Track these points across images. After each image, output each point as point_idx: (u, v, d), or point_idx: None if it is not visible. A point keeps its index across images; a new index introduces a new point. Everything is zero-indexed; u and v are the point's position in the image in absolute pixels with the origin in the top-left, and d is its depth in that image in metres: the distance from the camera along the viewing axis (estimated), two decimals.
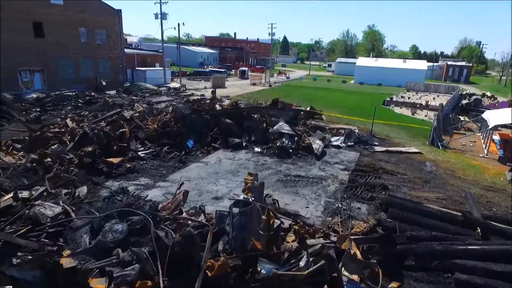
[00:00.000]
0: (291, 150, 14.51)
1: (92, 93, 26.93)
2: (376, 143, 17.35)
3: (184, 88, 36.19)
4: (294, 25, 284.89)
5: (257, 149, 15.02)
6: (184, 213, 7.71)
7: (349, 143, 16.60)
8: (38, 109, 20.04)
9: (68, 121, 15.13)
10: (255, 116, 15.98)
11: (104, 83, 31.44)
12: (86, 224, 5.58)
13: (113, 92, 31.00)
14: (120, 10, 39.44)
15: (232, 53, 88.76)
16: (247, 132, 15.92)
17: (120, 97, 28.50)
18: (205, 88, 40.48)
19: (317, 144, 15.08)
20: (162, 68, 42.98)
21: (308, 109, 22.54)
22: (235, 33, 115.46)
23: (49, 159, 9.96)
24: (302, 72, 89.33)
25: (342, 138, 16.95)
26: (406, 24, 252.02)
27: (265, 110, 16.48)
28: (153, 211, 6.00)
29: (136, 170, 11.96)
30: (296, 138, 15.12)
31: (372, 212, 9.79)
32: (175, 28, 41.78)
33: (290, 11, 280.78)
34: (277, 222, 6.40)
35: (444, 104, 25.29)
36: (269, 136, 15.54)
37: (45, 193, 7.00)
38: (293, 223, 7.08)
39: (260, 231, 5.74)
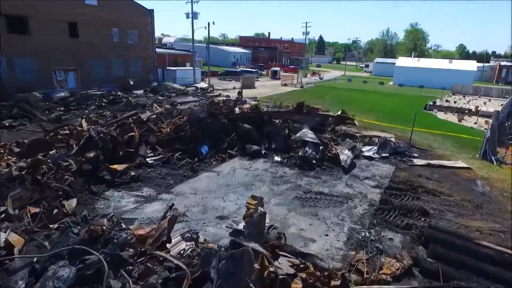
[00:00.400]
0: (314, 161, 12.87)
1: (119, 93, 26.88)
2: (416, 155, 15.16)
3: (211, 89, 35.47)
4: (331, 24, 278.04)
5: (276, 158, 13.55)
6: (172, 241, 6.50)
7: (384, 154, 14.61)
8: (62, 109, 20.03)
9: (83, 122, 14.60)
10: (277, 121, 14.51)
11: (131, 83, 31.50)
12: (28, 264, 4.54)
13: (140, 91, 30.95)
14: (152, 10, 39.61)
15: (265, 53, 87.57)
16: (267, 139, 14.51)
17: (146, 97, 28.27)
18: (234, 88, 39.56)
19: (345, 155, 13.30)
20: (192, 68, 42.66)
21: (339, 113, 20.63)
22: (269, 33, 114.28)
23: (45, 166, 9.23)
24: (337, 72, 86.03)
25: (375, 148, 14.99)
26: (452, 22, 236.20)
27: (288, 114, 14.99)
28: (118, 248, 4.81)
29: (141, 178, 11.00)
30: (321, 147, 13.45)
31: (408, 246, 7.97)
32: (205, 27, 41.03)
33: (327, 10, 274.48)
34: (280, 267, 4.94)
35: (499, 110, 22.12)
36: (291, 144, 14.01)
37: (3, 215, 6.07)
38: (301, 265, 5.56)
39: (251, 284, 4.33)
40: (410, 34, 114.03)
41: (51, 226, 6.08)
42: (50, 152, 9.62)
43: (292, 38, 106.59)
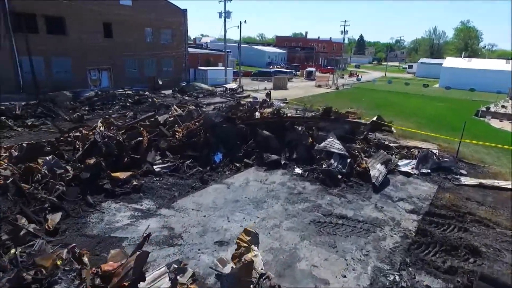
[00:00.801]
0: (340, 176, 11.22)
1: (146, 93, 26.72)
2: (464, 172, 12.90)
3: (241, 89, 34.49)
4: (372, 23, 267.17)
5: (297, 170, 12.06)
6: (154, 274, 5.37)
7: (424, 170, 12.55)
8: (86, 108, 20.01)
9: (99, 123, 14.11)
10: (299, 128, 13.01)
11: (160, 83, 31.41)
12: None
13: (169, 91, 30.73)
14: (186, 9, 39.54)
15: (301, 53, 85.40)
16: (288, 148, 13.07)
17: (174, 97, 27.90)
18: (265, 89, 38.30)
19: (377, 170, 11.49)
20: (224, 68, 42.06)
21: (374, 119, 18.58)
22: (306, 32, 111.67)
23: (39, 174, 8.59)
24: (377, 73, 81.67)
25: (414, 162, 12.95)
26: (509, 19, 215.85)
27: (313, 121, 13.40)
28: None
29: (144, 189, 10.08)
30: (349, 160, 11.75)
31: None
32: (238, 26, 40.23)
33: (369, 9, 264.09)
34: None
35: None
36: (314, 155, 12.44)
37: None
38: None
39: None
40: (460, 33, 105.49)
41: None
42: (47, 158, 9.00)
43: (330, 38, 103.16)
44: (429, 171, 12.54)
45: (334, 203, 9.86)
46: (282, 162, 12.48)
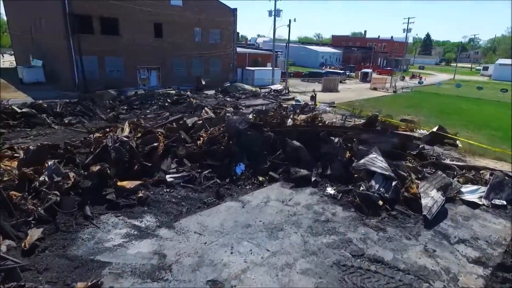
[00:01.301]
0: (381, 203, 9.11)
1: (188, 93, 26.43)
2: None
3: (286, 91, 32.80)
4: (441, 21, 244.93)
5: (329, 190, 10.17)
6: None
7: (498, 201, 9.80)
8: (125, 107, 20.07)
9: (126, 124, 13.64)
10: (336, 140, 11.03)
11: (204, 83, 31.06)
12: None
13: (212, 92, 30.24)
14: (236, 9, 38.95)
15: (358, 53, 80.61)
16: (321, 162, 11.20)
17: (215, 98, 27.25)
18: (313, 91, 36.12)
19: (431, 198, 9.14)
20: (271, 68, 40.70)
21: (434, 129, 15.71)
22: (365, 31, 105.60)
23: (37, 181, 8.02)
24: (444, 76, 73.85)
25: (484, 188, 10.23)
26: None
27: (354, 132, 11.28)
28: None
29: (150, 201, 9.09)
30: (394, 183, 9.55)
31: None
32: (288, 25, 38.47)
33: (438, 5, 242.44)
34: None
35: None
36: (352, 172, 10.42)
37: None
38: None
39: None
40: None
41: None
42: (48, 163, 8.44)
43: (392, 37, 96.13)
44: (504, 203, 9.76)
45: (369, 238, 7.85)
46: (313, 179, 10.67)
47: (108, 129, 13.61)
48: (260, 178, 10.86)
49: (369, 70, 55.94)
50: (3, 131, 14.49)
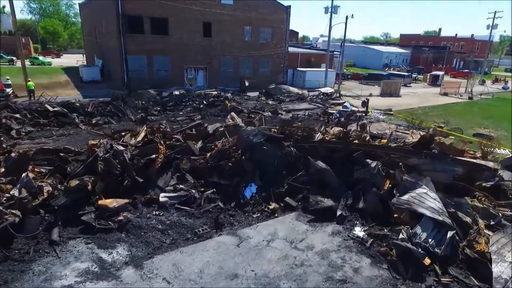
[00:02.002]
0: (428, 261, 6.46)
1: (228, 94, 25.17)
2: None
3: (337, 94, 29.80)
4: None
5: (357, 231, 7.74)
6: None
7: None
8: (157, 108, 19.44)
9: (143, 128, 12.60)
10: (374, 164, 8.44)
11: (247, 84, 29.58)
12: None
13: (255, 94, 28.63)
14: (289, 6, 36.84)
15: (429, 53, 72.39)
16: (352, 191, 8.75)
17: (256, 101, 25.56)
18: (371, 95, 32.50)
19: (508, 265, 6.21)
20: (324, 69, 37.74)
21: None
22: (439, 29, 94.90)
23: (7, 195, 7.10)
24: None
25: None
26: None
27: (400, 155, 8.49)
28: None
29: (130, 227, 7.67)
30: (450, 234, 6.77)
31: None
32: (345, 22, 35.05)
33: None
34: None
35: None
36: (391, 209, 7.82)
37: None
38: None
39: None
40: None
41: None
42: (23, 176, 7.51)
43: (472, 35, 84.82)
44: None
45: None
46: (338, 212, 8.31)
47: (123, 133, 12.70)
48: (272, 206, 8.82)
49: (440, 73, 49.43)
50: (31, 129, 14.56)
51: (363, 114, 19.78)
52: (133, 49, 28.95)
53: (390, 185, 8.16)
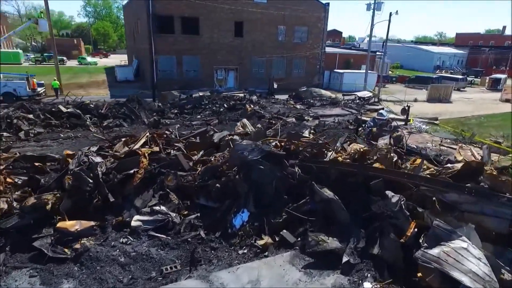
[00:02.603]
0: None
1: (254, 97, 23.72)
2: None
3: (375, 99, 27.01)
4: None
5: (367, 286, 5.83)
6: None
7: None
8: (175, 111, 18.54)
9: (144, 136, 11.58)
10: (396, 199, 6.38)
11: (275, 86, 27.85)
12: None
13: (285, 96, 26.85)
14: (328, 3, 34.48)
15: (490, 54, 64.95)
16: (365, 231, 6.79)
17: (284, 105, 23.76)
18: (415, 100, 29.25)
19: None
20: (364, 71, 34.80)
21: None
22: (503, 27, 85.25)
23: None
24: None
25: None
26: None
27: (433, 187, 6.33)
28: None
29: (87, 258, 6.48)
30: None
31: None
32: (389, 20, 31.81)
33: None
34: None
35: None
36: (416, 263, 5.77)
37: None
38: None
39: None
40: None
41: None
42: None
43: None
44: None
45: None
46: (345, 258, 6.42)
47: (123, 139, 11.75)
48: (263, 241, 7.16)
49: (503, 76, 43.67)
50: (41, 130, 14.28)
51: (401, 124, 17.18)
52: (163, 49, 28.70)
53: (415, 229, 6.10)
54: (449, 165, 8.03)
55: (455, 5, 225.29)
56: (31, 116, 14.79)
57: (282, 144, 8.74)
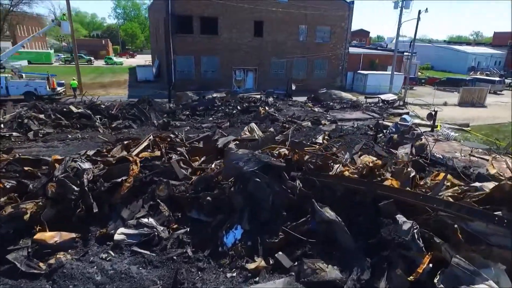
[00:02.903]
0: None
1: (269, 99, 22.90)
2: None
3: (400, 103, 25.40)
4: None
5: None
6: None
7: None
8: (186, 113, 18.12)
9: (147, 139, 11.15)
10: (407, 226, 5.38)
11: (294, 88, 26.88)
12: None
13: (303, 98, 25.84)
14: (352, 2, 33.04)
15: None
16: (371, 258, 5.85)
17: (301, 107, 22.80)
18: (445, 104, 27.34)
19: None
20: (390, 72, 33.02)
21: None
22: None
23: None
24: None
25: None
26: None
27: (454, 213, 5.30)
28: None
29: (61, 275, 6.00)
30: None
31: None
32: (417, 19, 29.85)
33: None
34: None
35: None
36: None
37: None
38: None
39: None
40: None
41: None
42: None
43: None
44: None
45: None
46: None
47: (126, 142, 11.37)
48: (255, 264, 6.38)
49: None
50: (50, 131, 14.25)
51: (427, 130, 15.78)
52: (181, 49, 28.55)
53: (430, 263, 5.10)
54: (476, 184, 6.87)
55: (493, 4, 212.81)
56: (42, 116, 14.85)
57: (284, 154, 7.90)
